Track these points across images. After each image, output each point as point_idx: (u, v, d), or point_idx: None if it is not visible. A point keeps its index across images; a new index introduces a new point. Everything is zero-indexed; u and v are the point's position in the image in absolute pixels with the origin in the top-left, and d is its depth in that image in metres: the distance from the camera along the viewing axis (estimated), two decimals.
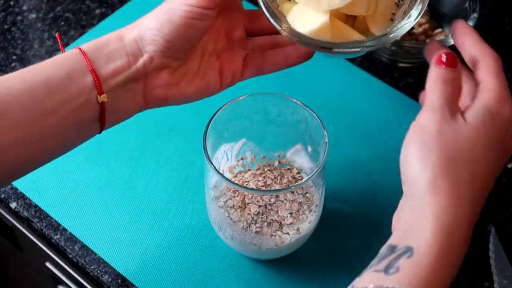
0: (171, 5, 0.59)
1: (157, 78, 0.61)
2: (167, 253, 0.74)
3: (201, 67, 0.63)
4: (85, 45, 0.60)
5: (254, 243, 0.69)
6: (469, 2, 0.88)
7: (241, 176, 0.75)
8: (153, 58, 0.60)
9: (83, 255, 0.74)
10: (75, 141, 0.61)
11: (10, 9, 0.99)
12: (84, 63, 0.58)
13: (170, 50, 0.60)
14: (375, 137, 0.84)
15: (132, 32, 0.60)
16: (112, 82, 0.59)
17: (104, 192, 0.79)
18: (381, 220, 0.77)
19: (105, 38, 0.60)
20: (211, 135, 0.69)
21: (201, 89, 0.64)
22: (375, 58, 0.92)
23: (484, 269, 0.74)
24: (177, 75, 0.62)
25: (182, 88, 0.63)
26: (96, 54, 0.59)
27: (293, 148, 0.76)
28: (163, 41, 0.59)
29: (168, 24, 0.58)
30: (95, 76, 0.58)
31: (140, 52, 0.60)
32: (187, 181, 0.80)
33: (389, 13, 0.61)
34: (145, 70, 0.60)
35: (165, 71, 0.61)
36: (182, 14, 0.58)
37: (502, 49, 0.95)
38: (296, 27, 0.59)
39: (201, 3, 0.58)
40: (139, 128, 0.84)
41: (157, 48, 0.59)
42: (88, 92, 0.58)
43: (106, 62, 0.59)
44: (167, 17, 0.59)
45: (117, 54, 0.59)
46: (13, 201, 0.79)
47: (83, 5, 0.99)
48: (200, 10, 0.58)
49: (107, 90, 0.59)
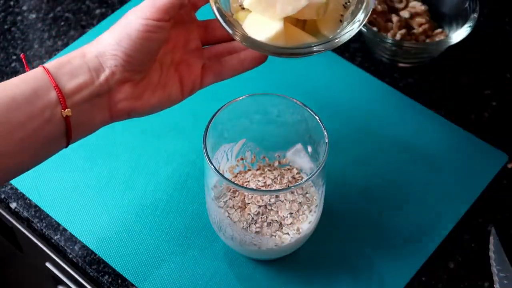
0: (128, 19, 0.62)
1: (120, 92, 0.63)
2: (167, 253, 0.74)
3: (161, 79, 0.66)
4: (49, 64, 0.62)
5: (254, 243, 0.69)
6: (469, 2, 0.88)
7: (241, 176, 0.75)
8: (114, 73, 0.62)
9: (83, 255, 0.74)
10: (42, 156, 0.63)
11: (10, 9, 0.98)
12: (48, 80, 0.60)
13: (130, 64, 0.62)
14: (375, 137, 0.84)
15: (93, 48, 0.63)
16: (76, 98, 0.61)
17: (104, 192, 0.79)
18: (381, 220, 0.77)
19: (68, 56, 0.62)
20: (211, 135, 0.69)
21: (164, 100, 0.66)
22: (375, 58, 0.92)
23: (484, 269, 0.74)
24: (139, 88, 0.64)
25: (145, 100, 0.65)
26: (60, 72, 0.61)
27: (293, 148, 0.76)
28: (123, 55, 0.61)
29: (127, 39, 0.61)
30: (58, 91, 0.60)
31: (102, 68, 0.62)
32: (187, 181, 0.80)
33: (337, 15, 0.64)
34: (108, 84, 0.62)
35: (128, 84, 0.63)
36: (138, 28, 0.61)
37: (502, 49, 0.95)
38: (252, 34, 0.62)
39: (156, 16, 0.61)
40: (139, 128, 0.84)
41: (118, 63, 0.62)
42: (53, 107, 0.60)
43: (70, 78, 0.61)
44: (125, 32, 0.61)
45: (79, 70, 0.61)
46: (13, 201, 0.79)
47: (83, 5, 0.99)
48: (155, 23, 0.61)
49: (72, 105, 0.61)
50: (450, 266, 0.75)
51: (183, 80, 0.67)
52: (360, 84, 0.90)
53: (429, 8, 0.92)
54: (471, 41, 0.91)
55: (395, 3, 0.93)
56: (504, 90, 0.89)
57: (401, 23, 0.91)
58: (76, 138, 0.63)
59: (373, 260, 0.74)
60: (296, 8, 0.61)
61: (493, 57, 0.93)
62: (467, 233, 0.77)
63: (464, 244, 0.76)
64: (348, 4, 0.65)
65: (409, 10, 0.91)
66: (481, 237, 0.77)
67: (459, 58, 0.93)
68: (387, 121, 0.86)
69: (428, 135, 0.84)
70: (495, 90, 0.89)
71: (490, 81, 0.90)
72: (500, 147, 0.83)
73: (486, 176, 0.81)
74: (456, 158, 0.82)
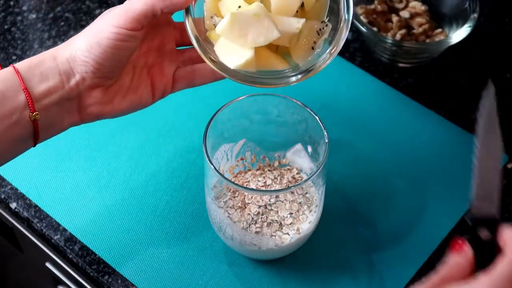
0: (100, 26, 0.61)
1: (91, 97, 0.63)
2: (168, 253, 0.74)
3: (133, 82, 0.65)
4: (20, 64, 0.61)
5: (254, 243, 0.69)
6: (469, 2, 0.88)
7: (241, 176, 0.75)
8: (85, 78, 0.61)
9: (83, 255, 0.74)
10: (8, 156, 0.63)
11: (10, 9, 0.99)
12: (18, 81, 0.60)
13: (100, 71, 0.61)
14: (375, 137, 0.84)
15: (64, 52, 0.62)
16: (46, 101, 0.61)
17: (104, 193, 0.79)
18: (381, 220, 0.77)
19: (39, 57, 0.62)
20: (211, 135, 0.69)
21: (134, 104, 0.66)
22: (375, 58, 0.92)
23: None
24: (110, 92, 0.64)
25: (115, 104, 0.64)
26: (30, 73, 0.60)
27: (293, 148, 0.76)
28: (93, 63, 0.61)
29: (97, 47, 0.60)
30: (27, 94, 0.60)
31: (73, 72, 0.61)
32: (187, 181, 0.80)
33: (310, 42, 0.64)
34: (78, 89, 0.62)
35: (98, 89, 0.63)
36: (110, 36, 0.60)
37: (502, 49, 0.95)
38: (223, 59, 0.62)
39: (128, 25, 0.60)
40: (139, 128, 0.84)
41: (88, 70, 0.61)
42: (21, 110, 0.60)
43: (40, 81, 0.60)
44: (96, 39, 0.60)
45: (50, 73, 0.61)
46: (13, 201, 0.79)
47: (83, 5, 0.99)
48: (127, 32, 0.60)
49: (41, 109, 0.60)
50: None
51: (155, 83, 0.66)
52: (360, 84, 0.90)
53: (429, 8, 0.92)
54: (471, 41, 0.91)
55: (395, 3, 0.93)
56: (504, 90, 0.89)
57: (401, 23, 0.91)
58: (44, 139, 0.63)
59: (373, 260, 0.74)
60: (268, 40, 0.60)
61: (493, 57, 0.93)
62: (467, 233, 0.77)
63: None
64: (322, 31, 0.64)
65: (409, 10, 0.91)
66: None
67: (459, 58, 0.93)
68: (387, 121, 0.86)
69: (428, 135, 0.84)
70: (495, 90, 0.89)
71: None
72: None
73: None
74: (456, 158, 0.82)
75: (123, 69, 0.64)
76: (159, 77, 0.66)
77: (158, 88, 0.66)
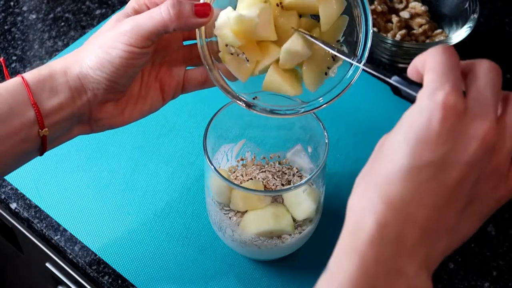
0: (110, 43, 0.58)
1: (102, 112, 0.62)
2: (168, 254, 0.74)
3: (142, 90, 0.64)
4: (29, 75, 0.59)
5: (254, 243, 0.69)
6: (469, 3, 0.88)
7: (242, 171, 0.75)
8: (96, 95, 0.60)
9: (83, 255, 0.74)
10: (13, 168, 0.62)
11: (10, 10, 0.99)
12: (27, 96, 0.58)
13: (113, 88, 0.60)
14: (375, 137, 0.84)
15: (74, 67, 0.60)
16: (56, 117, 0.59)
17: (104, 193, 0.79)
18: None
19: (49, 70, 0.60)
20: (211, 135, 0.69)
21: (144, 111, 0.65)
22: (375, 58, 0.92)
23: (484, 269, 0.74)
24: (120, 105, 0.63)
25: (126, 115, 0.63)
26: (39, 87, 0.59)
27: (293, 149, 0.76)
28: (105, 81, 0.59)
29: (109, 65, 0.58)
30: (37, 110, 0.58)
31: (84, 89, 0.60)
32: (187, 181, 0.80)
33: (323, 68, 0.62)
34: (89, 105, 0.61)
35: (109, 104, 0.62)
36: (122, 55, 0.58)
37: (502, 49, 0.95)
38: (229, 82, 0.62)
39: (140, 44, 0.58)
40: (139, 128, 0.84)
41: (100, 87, 0.60)
42: (30, 126, 0.58)
43: (50, 96, 0.59)
44: (108, 58, 0.58)
45: (60, 88, 0.59)
46: (13, 201, 0.79)
47: (83, 5, 0.99)
48: (140, 50, 0.58)
49: (50, 125, 0.59)
50: (450, 266, 0.75)
51: (164, 86, 0.65)
52: (360, 84, 0.89)
53: (429, 8, 0.92)
54: (471, 41, 0.91)
55: (395, 4, 0.93)
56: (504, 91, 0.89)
57: (401, 24, 0.91)
58: (51, 148, 0.62)
59: None
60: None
61: (493, 57, 0.93)
62: None
63: (464, 245, 0.76)
64: (337, 58, 0.62)
65: (409, 11, 0.91)
66: (481, 237, 0.76)
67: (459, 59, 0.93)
68: (387, 121, 0.85)
69: None
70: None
71: None
72: None
73: None
74: None
75: (133, 81, 0.62)
76: (168, 79, 0.65)
77: (168, 91, 0.65)
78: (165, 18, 0.57)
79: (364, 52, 0.60)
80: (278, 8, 0.59)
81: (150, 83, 0.64)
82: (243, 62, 0.60)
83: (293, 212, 0.69)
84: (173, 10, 0.58)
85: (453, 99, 0.42)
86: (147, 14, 0.58)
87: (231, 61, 0.61)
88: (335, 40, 0.62)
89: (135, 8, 0.61)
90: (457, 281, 0.74)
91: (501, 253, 0.76)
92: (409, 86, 0.49)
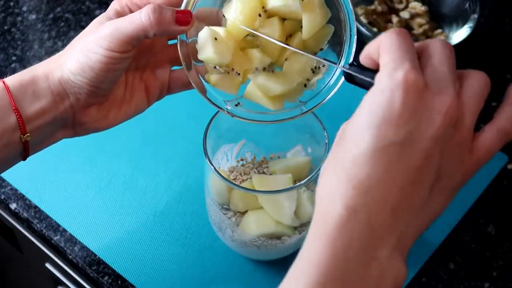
0: (90, 47, 0.57)
1: (85, 116, 0.61)
2: (168, 254, 0.74)
3: (126, 93, 0.63)
4: (11, 79, 0.59)
5: (254, 244, 0.69)
6: (469, 3, 0.88)
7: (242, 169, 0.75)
8: (79, 99, 0.59)
9: (83, 256, 0.74)
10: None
11: (10, 10, 0.99)
12: (8, 101, 0.57)
13: (95, 93, 0.59)
14: None
15: (55, 72, 0.59)
16: (38, 122, 0.59)
17: (104, 193, 0.79)
18: None
19: (31, 74, 0.59)
20: (211, 135, 0.69)
21: (129, 114, 0.64)
22: None
23: (484, 269, 0.74)
24: (104, 108, 0.62)
25: (111, 118, 0.63)
26: (21, 92, 0.58)
27: (293, 149, 0.76)
28: (87, 86, 0.58)
29: (90, 71, 0.57)
30: (18, 116, 0.57)
31: (66, 94, 0.59)
32: (187, 182, 0.80)
33: (303, 80, 0.61)
34: (72, 110, 0.60)
35: (93, 108, 0.61)
36: (102, 60, 0.57)
37: (502, 50, 0.95)
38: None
39: (120, 48, 0.57)
40: (139, 129, 0.84)
41: (82, 91, 0.59)
42: (12, 132, 0.57)
43: (32, 101, 0.58)
44: (89, 64, 0.57)
45: (42, 93, 0.58)
46: (13, 202, 0.79)
47: (83, 6, 0.99)
48: (120, 55, 0.57)
49: (32, 129, 0.58)
50: (450, 267, 0.75)
51: (149, 88, 0.64)
52: None
53: (429, 8, 0.92)
54: (471, 41, 0.90)
55: (395, 4, 0.93)
56: (504, 91, 0.89)
57: (401, 24, 0.91)
58: (34, 153, 0.61)
59: None
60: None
61: (493, 57, 0.93)
62: (467, 233, 0.77)
63: (464, 245, 0.76)
64: (316, 70, 0.61)
65: (409, 11, 0.91)
66: (481, 237, 0.76)
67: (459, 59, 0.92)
68: None
69: None
70: (495, 90, 0.89)
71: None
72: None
73: (486, 177, 0.81)
74: None
75: (115, 84, 0.61)
76: (153, 81, 0.64)
77: (153, 92, 0.64)
78: (145, 23, 0.56)
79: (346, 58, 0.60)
80: (260, 17, 0.58)
81: (135, 86, 0.63)
82: (234, 76, 0.59)
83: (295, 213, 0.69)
84: (153, 15, 0.56)
85: (413, 76, 0.43)
86: (128, 18, 0.57)
87: (220, 81, 0.60)
88: (319, 48, 0.61)
89: (118, 10, 0.59)
90: (457, 281, 0.74)
91: (501, 253, 0.76)
92: (363, 73, 0.50)
